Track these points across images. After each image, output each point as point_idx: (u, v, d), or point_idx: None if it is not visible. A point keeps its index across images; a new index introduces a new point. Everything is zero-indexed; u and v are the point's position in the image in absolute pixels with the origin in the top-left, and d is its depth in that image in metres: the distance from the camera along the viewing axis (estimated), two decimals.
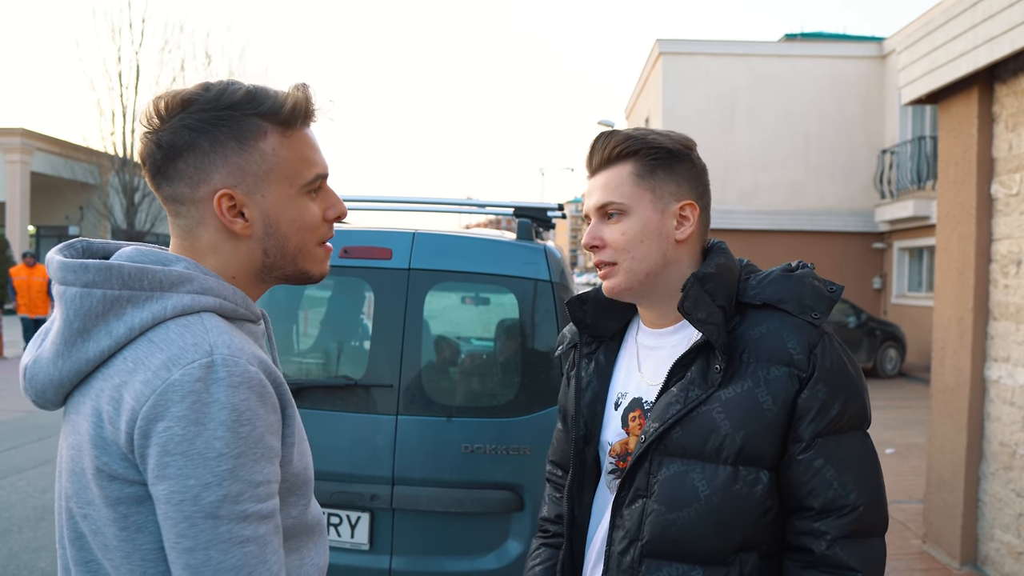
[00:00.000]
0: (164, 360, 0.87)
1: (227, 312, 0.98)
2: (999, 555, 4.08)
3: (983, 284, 4.24)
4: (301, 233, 1.04)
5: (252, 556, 0.86)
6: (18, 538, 4.66)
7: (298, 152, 1.02)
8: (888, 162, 15.29)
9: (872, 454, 1.21)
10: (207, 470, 0.84)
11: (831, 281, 1.26)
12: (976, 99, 4.23)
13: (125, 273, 0.92)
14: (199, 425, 0.84)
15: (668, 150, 1.27)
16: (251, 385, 0.88)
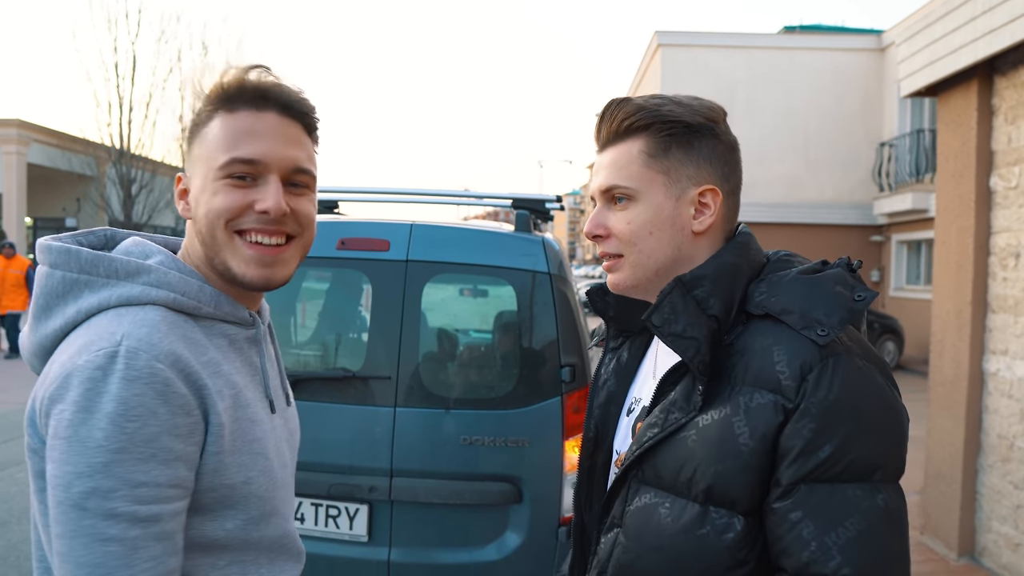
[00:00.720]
0: (80, 345, 0.88)
1: (184, 308, 0.96)
2: (996, 547, 4.09)
3: (982, 277, 4.24)
4: (210, 218, 0.98)
5: (113, 556, 0.82)
6: (17, 529, 4.66)
7: (225, 133, 0.98)
8: (887, 155, 15.28)
9: (880, 515, 0.92)
10: (83, 459, 0.82)
11: (864, 287, 1.02)
12: (975, 92, 4.22)
13: (83, 258, 0.96)
14: (86, 412, 0.83)
15: (686, 124, 1.07)
16: (151, 382, 0.85)
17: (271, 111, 1.00)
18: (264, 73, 1.01)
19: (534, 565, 2.61)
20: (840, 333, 0.97)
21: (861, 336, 1.03)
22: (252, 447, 0.98)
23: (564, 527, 2.61)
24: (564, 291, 2.70)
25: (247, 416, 0.98)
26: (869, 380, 0.97)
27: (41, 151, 24.73)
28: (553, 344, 2.64)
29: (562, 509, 2.61)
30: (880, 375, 0.99)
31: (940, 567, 4.22)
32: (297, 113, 1.03)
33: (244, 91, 0.99)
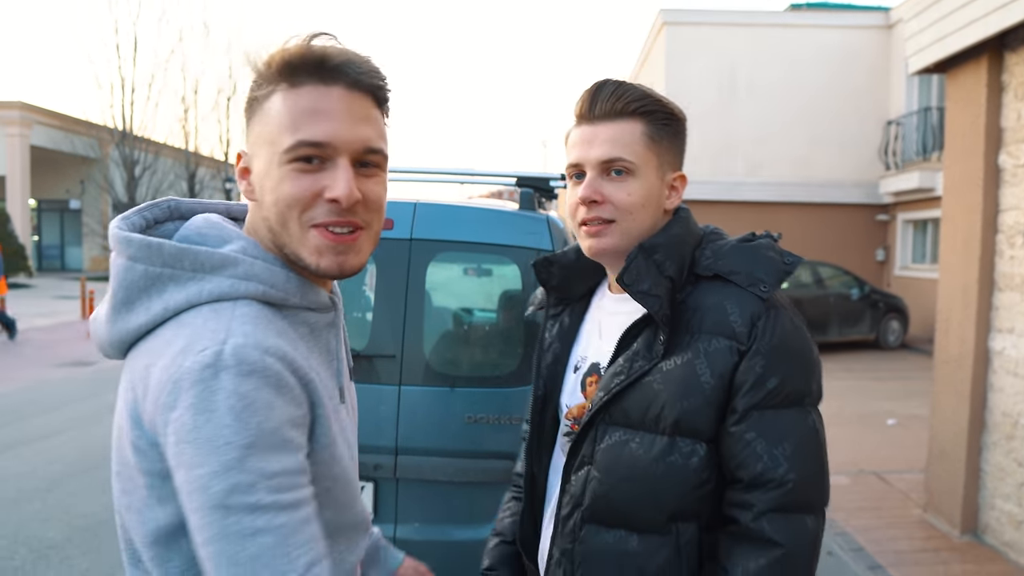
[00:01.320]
0: (182, 346, 0.85)
1: (274, 300, 0.93)
2: (999, 524, 4.11)
3: (989, 255, 4.22)
4: (277, 206, 0.93)
5: (268, 548, 0.79)
6: (27, 508, 4.71)
7: (288, 113, 0.91)
8: (893, 133, 15.16)
9: (813, 432, 1.16)
10: (215, 459, 0.79)
11: (790, 252, 1.23)
12: (985, 68, 4.17)
13: (166, 252, 0.91)
14: (207, 413, 0.80)
15: (677, 117, 1.25)
16: (265, 375, 0.83)
17: (338, 85, 0.92)
18: (330, 41, 0.93)
19: None
20: (777, 290, 1.18)
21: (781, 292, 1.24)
22: (341, 436, 0.97)
23: None
24: None
25: (335, 407, 0.97)
26: (798, 328, 1.20)
27: (44, 133, 24.68)
28: None
29: None
30: (800, 322, 1.22)
31: (943, 544, 4.24)
32: (367, 86, 0.95)
33: (308, 63, 0.91)
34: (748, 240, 1.25)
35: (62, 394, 8.09)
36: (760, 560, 1.11)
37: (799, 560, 1.13)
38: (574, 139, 1.25)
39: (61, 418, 7.01)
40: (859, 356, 11.98)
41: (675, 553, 1.17)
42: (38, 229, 28.15)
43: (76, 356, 10.55)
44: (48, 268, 27.93)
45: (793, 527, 1.12)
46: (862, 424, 7.26)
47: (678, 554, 1.17)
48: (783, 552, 1.11)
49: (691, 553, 1.17)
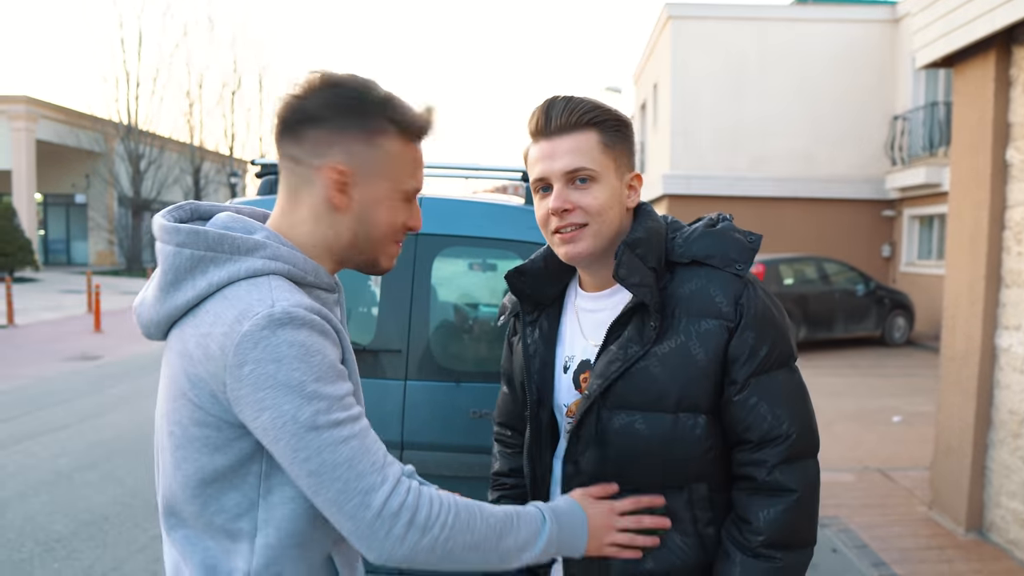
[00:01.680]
0: (236, 315, 1.02)
1: (295, 277, 1.11)
2: (1005, 522, 4.10)
3: (996, 251, 4.20)
4: (388, 228, 1.18)
5: (357, 449, 1.02)
6: (34, 501, 4.73)
7: (410, 162, 1.18)
8: (900, 128, 15.09)
9: (799, 385, 1.31)
10: (296, 395, 0.99)
11: (750, 232, 1.34)
12: (993, 62, 4.14)
13: (210, 237, 1.07)
14: (276, 363, 0.99)
15: (625, 123, 1.34)
16: (312, 325, 1.03)
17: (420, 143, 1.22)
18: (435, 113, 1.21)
19: None
20: (748, 267, 1.29)
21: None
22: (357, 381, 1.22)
23: None
24: None
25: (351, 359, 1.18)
26: (770, 297, 1.32)
27: (50, 127, 24.72)
28: None
29: None
30: (770, 293, 1.34)
31: (948, 542, 4.23)
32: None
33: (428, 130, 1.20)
34: (710, 225, 1.35)
35: (68, 388, 8.12)
36: (779, 505, 1.25)
37: (810, 498, 1.28)
38: (535, 155, 1.33)
39: (67, 412, 7.04)
40: (864, 352, 11.96)
41: (688, 507, 1.30)
42: (44, 223, 28.23)
43: (82, 350, 10.59)
44: (54, 262, 28.01)
45: (801, 472, 1.27)
46: (867, 421, 7.25)
47: (691, 508, 1.30)
48: (798, 496, 1.26)
49: (703, 507, 1.31)
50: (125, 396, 7.77)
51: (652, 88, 19.09)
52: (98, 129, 25.82)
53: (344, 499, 1.01)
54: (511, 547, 1.14)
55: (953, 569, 3.89)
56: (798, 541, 1.27)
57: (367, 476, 1.02)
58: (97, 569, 3.83)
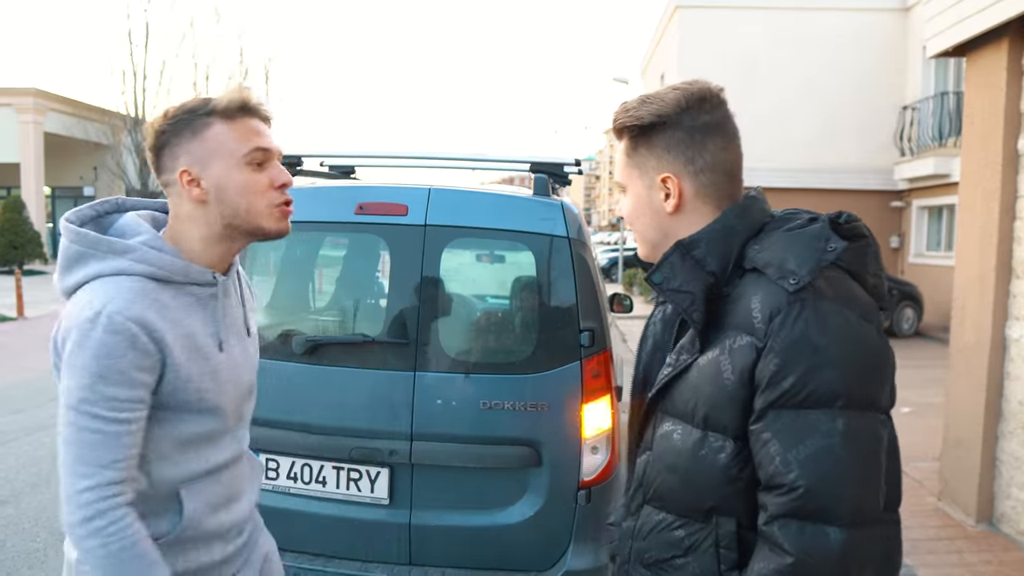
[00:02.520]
0: (83, 304, 1.29)
1: (159, 277, 1.35)
2: (1015, 513, 4.09)
3: (1006, 242, 4.17)
4: (247, 195, 1.38)
5: (95, 442, 1.25)
6: (46, 492, 4.77)
7: (240, 133, 1.37)
8: (909, 118, 14.98)
9: (840, 436, 1.06)
10: (77, 379, 1.25)
11: (838, 239, 1.16)
12: (1006, 51, 4.10)
13: (90, 239, 1.35)
14: (80, 349, 1.26)
15: (640, 127, 1.25)
16: (124, 334, 1.26)
17: (257, 115, 1.44)
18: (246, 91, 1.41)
19: (553, 528, 2.63)
20: (807, 280, 1.11)
21: (845, 280, 1.16)
22: (215, 376, 1.40)
23: (583, 491, 2.62)
24: (583, 255, 2.68)
25: (200, 355, 1.38)
26: (834, 319, 1.10)
27: (58, 120, 24.77)
28: (572, 309, 2.63)
29: (581, 473, 2.62)
30: (853, 314, 1.12)
31: (957, 533, 4.22)
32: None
33: (240, 103, 1.39)
34: (802, 226, 1.20)
35: None
36: (769, 564, 1.09)
37: (813, 573, 1.06)
38: None
39: None
40: None
41: (713, 544, 1.18)
42: (52, 216, 28.36)
43: None
44: None
45: (806, 537, 1.06)
46: None
47: (716, 545, 1.18)
48: (792, 562, 1.07)
49: (728, 546, 1.17)
50: None
51: (659, 79, 19.01)
52: (106, 121, 25.85)
53: (66, 469, 1.26)
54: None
55: (963, 560, 3.88)
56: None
57: (88, 465, 1.25)
58: None
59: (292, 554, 2.67)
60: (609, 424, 2.65)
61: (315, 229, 2.85)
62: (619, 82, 25.94)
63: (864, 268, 1.20)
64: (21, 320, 12.54)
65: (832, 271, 1.15)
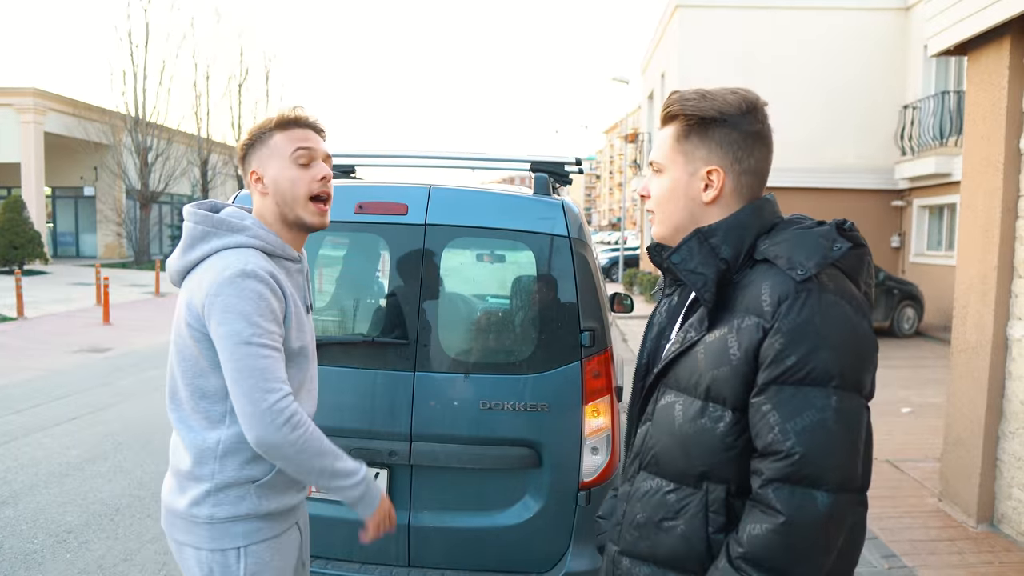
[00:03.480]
0: (223, 266, 1.62)
1: (266, 250, 1.71)
2: (1016, 513, 4.07)
3: (1008, 241, 4.16)
4: (293, 188, 1.74)
5: (268, 365, 1.58)
6: (45, 493, 4.76)
7: (290, 140, 1.75)
8: (910, 118, 14.96)
9: (833, 412, 1.18)
10: (244, 319, 1.57)
11: (842, 239, 1.28)
12: (1007, 50, 4.09)
13: (214, 220, 1.71)
14: (239, 298, 1.58)
15: (701, 118, 1.35)
16: (265, 282, 1.62)
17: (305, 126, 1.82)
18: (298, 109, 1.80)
19: (553, 529, 2.62)
20: (814, 272, 1.23)
21: (843, 279, 1.28)
22: (302, 328, 1.75)
23: (583, 492, 2.61)
24: (584, 255, 2.66)
25: (299, 312, 1.74)
26: (835, 309, 1.22)
27: (58, 120, 24.75)
28: (573, 309, 2.61)
29: (581, 474, 2.61)
30: (850, 307, 1.24)
31: (958, 533, 4.21)
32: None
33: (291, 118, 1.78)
34: (811, 227, 1.33)
35: (78, 380, 8.16)
36: (763, 525, 1.19)
37: (802, 532, 1.17)
38: None
39: (76, 404, 7.07)
40: None
41: (703, 508, 1.29)
42: (53, 216, 28.33)
43: (91, 342, 10.64)
44: (63, 255, 28.12)
45: (797, 499, 1.17)
46: (876, 412, 7.11)
47: (705, 509, 1.29)
48: (784, 521, 1.17)
49: (717, 510, 1.28)
50: (134, 388, 7.80)
51: (660, 78, 18.99)
52: (106, 121, 25.82)
53: (251, 391, 1.56)
54: (339, 470, 1.67)
55: (964, 561, 3.87)
56: (786, 571, 1.19)
57: (271, 382, 1.57)
58: (108, 560, 3.85)
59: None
60: (609, 425, 2.63)
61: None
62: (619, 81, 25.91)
63: (859, 274, 1.33)
64: (21, 320, 12.53)
65: (832, 270, 1.27)
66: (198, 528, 1.67)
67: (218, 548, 1.66)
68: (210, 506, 1.66)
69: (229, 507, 1.66)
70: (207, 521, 1.66)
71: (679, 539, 1.31)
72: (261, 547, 1.70)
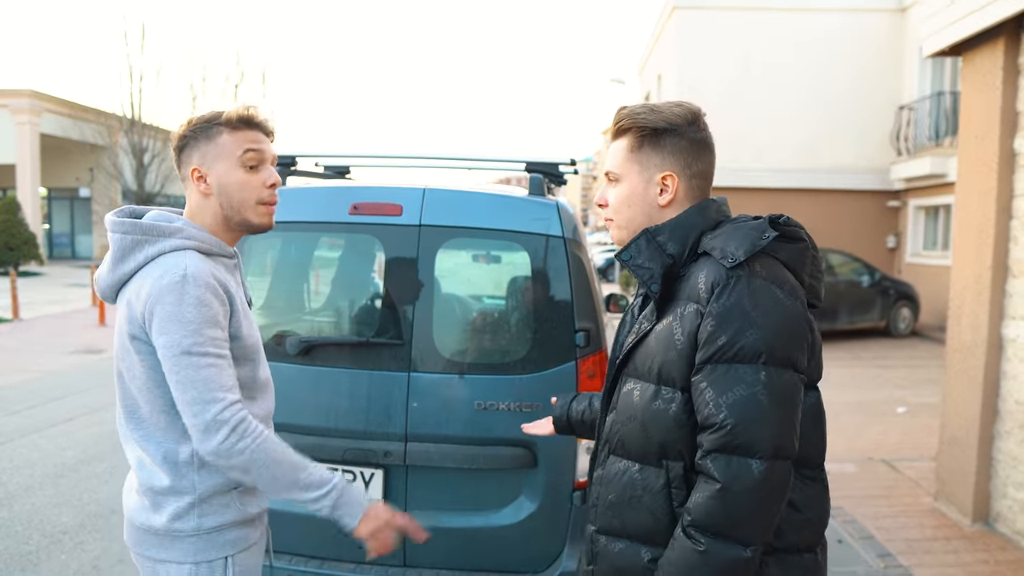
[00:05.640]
0: (160, 273, 1.54)
1: (203, 250, 1.62)
2: (1011, 512, 4.09)
3: (1003, 241, 4.17)
4: (241, 193, 1.66)
5: (213, 373, 1.52)
6: (40, 494, 4.75)
7: (240, 141, 1.65)
8: (905, 118, 15.00)
9: (762, 385, 1.29)
10: (184, 328, 1.50)
11: (770, 230, 1.39)
12: (1002, 51, 4.11)
13: (144, 226, 1.61)
14: (180, 305, 1.51)
15: (653, 129, 1.47)
16: (208, 287, 1.54)
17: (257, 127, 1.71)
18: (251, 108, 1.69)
19: (548, 529, 2.62)
20: (743, 259, 1.34)
21: (778, 267, 1.39)
22: (251, 324, 1.71)
23: (578, 491, 2.61)
24: (579, 256, 2.66)
25: (244, 307, 1.69)
26: (763, 292, 1.33)
27: (53, 121, 24.70)
28: (567, 309, 2.62)
29: (576, 474, 2.61)
30: (780, 291, 1.35)
31: (954, 532, 4.22)
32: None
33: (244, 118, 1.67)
34: (744, 220, 1.45)
35: (73, 381, 8.14)
36: (704, 493, 1.31)
37: (738, 498, 1.28)
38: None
39: (72, 405, 7.06)
40: (869, 344, 11.92)
41: (665, 484, 1.40)
42: (48, 217, 28.26)
43: (87, 344, 10.62)
44: (59, 256, 28.07)
45: (733, 467, 1.28)
46: (872, 412, 7.23)
47: (668, 485, 1.40)
48: (719, 487, 1.29)
49: (678, 486, 1.39)
50: None
51: (656, 79, 19.01)
52: (102, 122, 25.78)
53: (193, 402, 1.50)
54: (301, 482, 1.59)
55: (959, 560, 3.88)
56: (728, 533, 1.28)
57: (214, 391, 1.50)
58: (104, 561, 3.84)
59: (286, 556, 2.65)
60: None
61: (309, 229, 2.83)
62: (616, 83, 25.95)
63: (802, 267, 1.45)
64: (16, 322, 12.50)
65: (768, 260, 1.39)
66: (181, 542, 1.61)
67: (204, 560, 1.61)
68: (196, 517, 1.60)
69: (216, 516, 1.62)
70: (193, 533, 1.61)
71: (647, 514, 1.42)
72: (246, 554, 1.68)
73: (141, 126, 26.07)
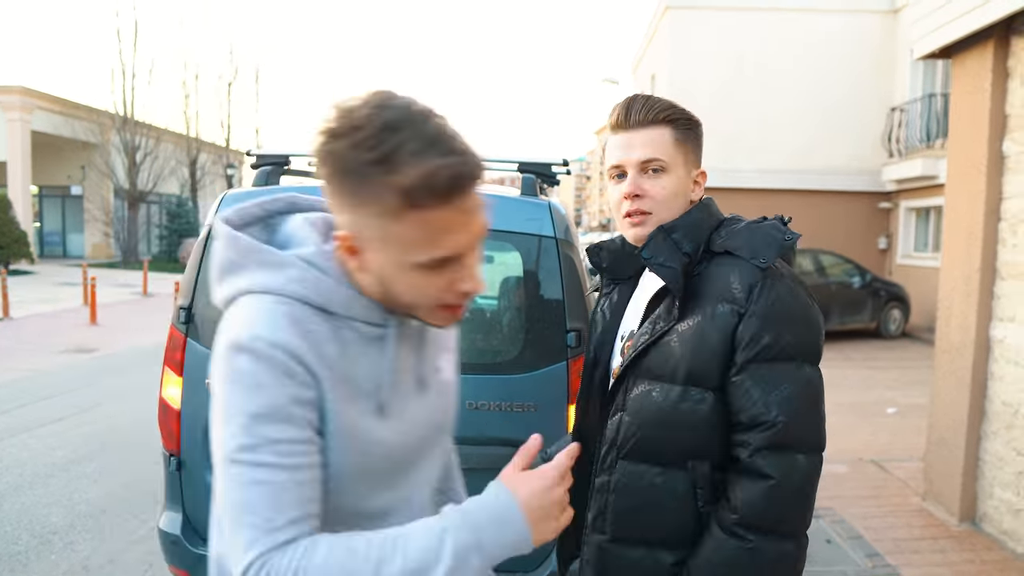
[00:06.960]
0: (228, 324, 1.03)
1: (315, 304, 1.04)
2: (998, 512, 4.12)
3: (991, 243, 4.20)
4: (413, 295, 1.04)
5: (263, 496, 0.95)
6: (30, 494, 4.73)
7: (417, 231, 0.96)
8: (897, 120, 15.08)
9: (805, 382, 1.33)
10: (230, 423, 0.97)
11: (791, 231, 1.41)
12: (991, 53, 4.14)
13: (241, 246, 1.07)
14: (229, 383, 0.98)
15: (695, 122, 1.48)
16: (272, 362, 0.97)
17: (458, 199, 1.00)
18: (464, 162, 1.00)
19: None
20: (773, 261, 1.36)
21: (790, 267, 1.45)
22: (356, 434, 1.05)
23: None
24: (570, 256, 2.67)
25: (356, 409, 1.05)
26: (795, 294, 1.37)
27: (45, 118, 24.56)
28: (559, 309, 2.63)
29: None
30: (802, 290, 1.39)
31: (941, 532, 4.25)
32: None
33: (452, 188, 0.98)
34: (758, 222, 1.44)
35: (63, 381, 8.11)
36: (755, 490, 1.30)
37: (789, 491, 1.30)
38: (613, 145, 1.47)
39: (63, 405, 7.03)
40: (859, 345, 11.98)
41: (691, 486, 1.38)
42: (39, 215, 28.12)
43: (77, 343, 10.57)
44: (49, 255, 27.91)
45: (784, 462, 1.30)
46: (862, 412, 7.27)
47: (693, 487, 1.38)
48: (774, 483, 1.29)
49: (705, 486, 1.37)
50: (121, 389, 7.76)
51: (650, 79, 19.05)
52: (94, 120, 25.66)
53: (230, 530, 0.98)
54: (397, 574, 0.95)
55: (946, 559, 3.91)
56: (776, 528, 1.30)
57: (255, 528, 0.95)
58: (94, 561, 3.83)
59: None
60: None
61: None
62: (609, 82, 25.99)
63: (791, 262, 1.50)
64: (7, 320, 12.44)
65: (780, 260, 1.41)
66: None
67: None
68: None
69: None
70: None
71: (671, 518, 1.39)
72: None
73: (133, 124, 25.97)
